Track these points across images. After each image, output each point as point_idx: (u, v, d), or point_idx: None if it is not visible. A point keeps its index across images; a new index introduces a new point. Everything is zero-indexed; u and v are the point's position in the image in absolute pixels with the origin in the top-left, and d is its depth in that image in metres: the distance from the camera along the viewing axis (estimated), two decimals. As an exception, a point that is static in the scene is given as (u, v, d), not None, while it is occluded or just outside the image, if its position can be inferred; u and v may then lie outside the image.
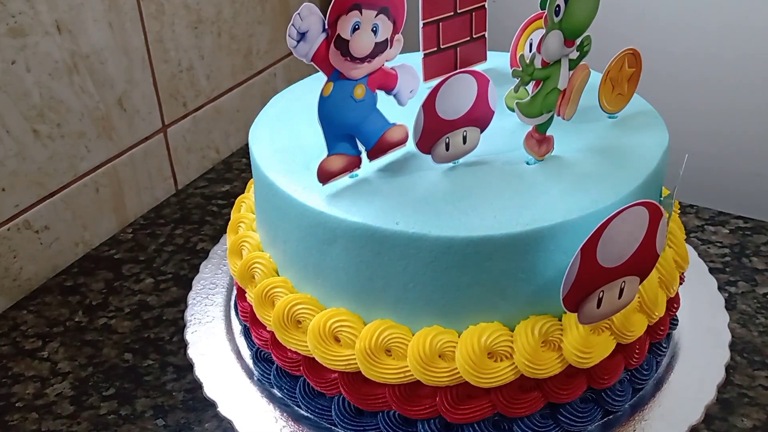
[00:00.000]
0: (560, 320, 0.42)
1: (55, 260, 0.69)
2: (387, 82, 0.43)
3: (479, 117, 0.44)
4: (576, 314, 0.40)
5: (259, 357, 0.51)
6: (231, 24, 0.82)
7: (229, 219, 0.57)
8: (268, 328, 0.47)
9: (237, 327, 0.55)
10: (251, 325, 0.50)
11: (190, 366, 0.52)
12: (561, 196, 0.42)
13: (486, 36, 0.54)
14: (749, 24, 0.75)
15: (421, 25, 0.50)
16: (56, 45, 0.64)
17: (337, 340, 0.43)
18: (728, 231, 0.71)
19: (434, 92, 0.42)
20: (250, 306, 0.49)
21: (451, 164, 0.45)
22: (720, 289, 0.57)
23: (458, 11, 0.52)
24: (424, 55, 0.52)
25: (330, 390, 0.46)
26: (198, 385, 0.50)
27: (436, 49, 0.52)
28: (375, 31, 0.41)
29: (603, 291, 0.40)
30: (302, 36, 0.38)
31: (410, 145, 0.44)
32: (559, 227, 0.40)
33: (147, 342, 0.60)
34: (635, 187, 0.43)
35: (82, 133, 0.68)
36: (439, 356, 0.41)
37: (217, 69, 0.82)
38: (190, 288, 0.59)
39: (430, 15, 0.50)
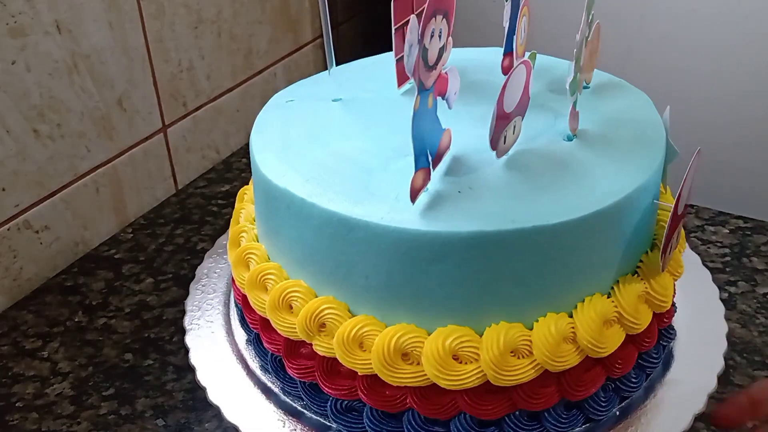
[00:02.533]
0: (570, 316, 0.43)
1: (55, 260, 0.69)
2: (442, 86, 0.42)
3: (525, 105, 0.44)
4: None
5: (273, 366, 0.50)
6: (231, 24, 0.82)
7: (229, 218, 0.57)
8: (308, 344, 0.45)
9: (240, 337, 0.54)
10: (263, 333, 0.49)
11: (190, 366, 0.52)
12: (615, 174, 0.43)
13: None
14: (750, 28, 0.75)
15: (393, 30, 0.49)
16: (56, 45, 0.64)
17: (406, 356, 0.42)
18: (728, 231, 0.71)
19: (504, 88, 0.41)
20: (260, 317, 0.48)
21: (504, 157, 0.44)
22: (720, 289, 0.57)
23: (415, 12, 0.51)
24: (397, 60, 0.51)
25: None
26: (198, 386, 0.50)
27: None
28: (440, 36, 0.40)
29: None
30: (409, 50, 0.38)
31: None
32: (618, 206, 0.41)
33: (147, 342, 0.60)
34: (659, 163, 0.45)
35: (82, 133, 0.68)
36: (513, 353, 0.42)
37: (217, 69, 0.82)
38: (190, 288, 0.59)
39: (399, 19, 0.49)
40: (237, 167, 0.85)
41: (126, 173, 0.74)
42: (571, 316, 0.43)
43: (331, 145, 0.46)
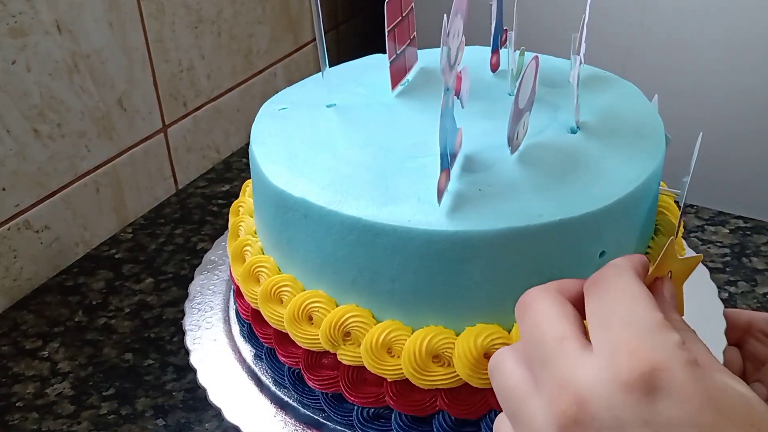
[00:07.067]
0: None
1: (56, 260, 0.69)
2: (458, 84, 0.42)
3: (532, 100, 0.44)
4: None
5: (293, 378, 0.49)
6: (231, 24, 0.82)
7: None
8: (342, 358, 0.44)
9: (246, 352, 0.53)
10: (278, 347, 0.48)
11: (190, 366, 0.52)
12: (626, 162, 0.43)
13: (415, 36, 0.54)
14: (751, 27, 0.75)
15: (386, 32, 0.49)
16: (56, 45, 0.64)
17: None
18: (728, 231, 0.71)
19: (520, 85, 0.41)
20: (275, 330, 0.47)
21: (516, 153, 0.44)
22: (720, 289, 0.57)
23: (404, 14, 0.51)
24: (390, 62, 0.50)
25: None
26: (198, 386, 0.50)
27: (396, 55, 0.51)
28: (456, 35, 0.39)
29: None
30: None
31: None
32: (630, 196, 0.42)
33: (147, 342, 0.60)
34: (663, 149, 0.45)
35: (82, 132, 0.68)
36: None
37: (217, 69, 0.82)
38: (185, 307, 0.58)
39: (392, 21, 0.49)
40: (237, 167, 0.85)
41: (126, 173, 0.74)
42: None
43: (338, 151, 0.46)
